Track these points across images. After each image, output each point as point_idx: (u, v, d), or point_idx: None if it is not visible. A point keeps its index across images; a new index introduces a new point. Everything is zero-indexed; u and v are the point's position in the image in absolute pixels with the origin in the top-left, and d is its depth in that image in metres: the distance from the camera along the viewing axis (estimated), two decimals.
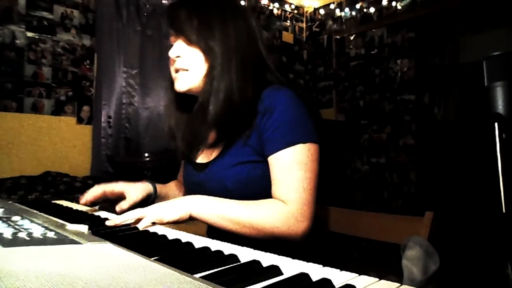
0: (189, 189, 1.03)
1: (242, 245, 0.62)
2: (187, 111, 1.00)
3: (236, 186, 0.88)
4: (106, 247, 0.52)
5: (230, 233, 0.83)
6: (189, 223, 0.87)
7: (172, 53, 0.92)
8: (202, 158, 0.99)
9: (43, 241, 0.53)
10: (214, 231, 0.96)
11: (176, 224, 0.82)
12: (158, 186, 1.09)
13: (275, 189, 0.85)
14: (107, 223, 0.80)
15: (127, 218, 0.79)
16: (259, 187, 0.88)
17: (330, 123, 3.53)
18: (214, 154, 0.95)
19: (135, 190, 1.01)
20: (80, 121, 2.58)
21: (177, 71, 0.93)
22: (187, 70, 0.91)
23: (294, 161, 0.84)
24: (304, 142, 0.84)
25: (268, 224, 0.81)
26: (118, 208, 0.91)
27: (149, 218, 0.78)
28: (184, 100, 0.99)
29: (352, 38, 3.63)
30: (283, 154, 0.84)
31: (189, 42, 0.90)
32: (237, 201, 0.84)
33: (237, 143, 0.91)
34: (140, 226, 0.76)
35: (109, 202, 0.99)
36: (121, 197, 0.99)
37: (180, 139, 1.01)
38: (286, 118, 0.86)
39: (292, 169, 0.83)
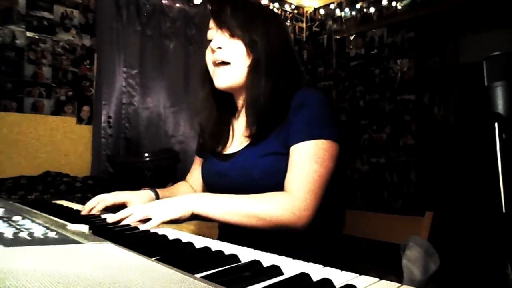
0: (211, 180, 1.04)
1: (254, 244, 0.62)
2: (219, 107, 1.04)
3: (263, 176, 0.90)
4: (107, 247, 0.52)
5: (243, 230, 0.83)
6: (190, 222, 0.87)
7: (214, 44, 0.93)
8: (229, 149, 1.01)
9: (44, 241, 0.53)
10: (227, 228, 0.97)
11: (177, 223, 0.82)
12: (160, 191, 1.09)
13: (287, 176, 0.87)
14: (108, 219, 0.81)
15: (132, 219, 0.79)
16: (283, 179, 0.89)
17: None
18: (242, 144, 0.97)
19: (137, 198, 1.01)
20: (80, 121, 2.58)
21: (216, 64, 0.94)
22: (228, 63, 0.93)
23: (311, 153, 0.86)
24: (325, 139, 0.87)
25: (272, 213, 0.82)
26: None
27: (156, 220, 0.78)
28: (218, 96, 1.01)
29: (352, 38, 3.63)
30: (303, 145, 0.87)
31: (232, 34, 0.93)
32: (238, 195, 0.85)
33: (268, 135, 0.93)
34: (146, 227, 0.76)
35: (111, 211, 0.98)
36: (123, 206, 0.99)
37: (209, 134, 1.03)
38: (313, 113, 0.89)
39: (307, 160, 0.86)
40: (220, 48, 0.93)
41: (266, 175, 0.90)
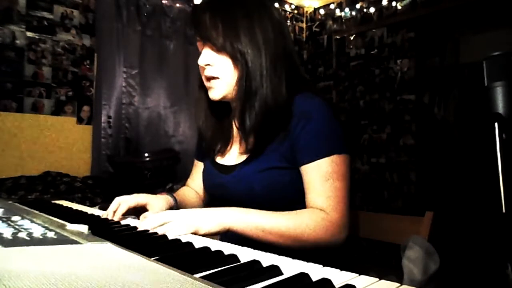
0: (211, 191, 1.03)
1: (256, 245, 0.62)
2: (216, 113, 1.01)
3: (264, 190, 0.88)
4: (106, 247, 0.52)
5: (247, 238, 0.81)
6: None
7: (201, 61, 0.90)
8: (228, 160, 0.98)
9: (43, 241, 0.53)
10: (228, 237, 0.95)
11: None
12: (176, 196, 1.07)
13: (313, 197, 0.85)
14: (141, 226, 0.75)
15: (176, 232, 0.72)
16: (286, 193, 0.88)
17: None
18: (242, 157, 0.94)
19: (158, 202, 0.98)
20: (80, 121, 2.58)
21: (208, 79, 0.92)
22: (217, 78, 0.90)
23: (332, 171, 0.84)
24: (339, 153, 0.85)
25: (312, 235, 0.80)
26: (143, 218, 0.87)
27: (185, 229, 0.73)
28: (215, 103, 0.97)
29: (352, 38, 3.62)
30: (321, 164, 0.84)
31: (217, 49, 0.88)
32: (275, 212, 0.82)
33: (268, 147, 0.90)
34: (173, 235, 0.71)
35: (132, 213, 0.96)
36: (143, 208, 0.96)
37: (209, 140, 1.01)
38: (323, 128, 0.86)
39: (330, 179, 0.84)
40: (208, 65, 0.90)
41: (266, 189, 0.88)
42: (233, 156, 0.98)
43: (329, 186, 0.83)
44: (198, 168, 1.14)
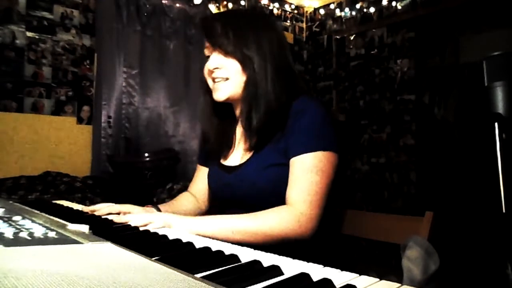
0: (216, 191, 1.08)
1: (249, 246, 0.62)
2: (221, 117, 1.07)
3: (267, 186, 0.93)
4: (107, 247, 0.52)
5: None
6: None
7: (210, 65, 0.97)
8: (232, 161, 1.04)
9: (44, 241, 0.53)
10: None
11: None
12: (162, 207, 1.09)
13: (289, 188, 0.90)
14: (116, 219, 0.81)
15: (137, 224, 0.79)
16: (286, 188, 0.91)
17: None
18: (245, 156, 1.00)
19: (143, 212, 1.01)
20: (80, 121, 2.58)
21: (215, 81, 0.98)
22: (227, 78, 0.96)
23: (312, 165, 0.88)
24: (324, 150, 0.89)
25: (278, 228, 0.84)
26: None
27: (156, 225, 0.79)
28: (219, 106, 1.04)
29: (352, 38, 3.63)
30: (303, 158, 0.89)
31: (226, 53, 0.95)
32: (241, 215, 0.87)
33: (267, 146, 0.96)
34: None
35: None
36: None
37: (214, 142, 1.06)
38: (311, 124, 0.91)
39: (308, 172, 0.88)
40: (217, 68, 0.96)
41: (270, 185, 0.93)
42: (237, 157, 1.03)
43: (306, 179, 0.88)
44: (201, 172, 1.18)
